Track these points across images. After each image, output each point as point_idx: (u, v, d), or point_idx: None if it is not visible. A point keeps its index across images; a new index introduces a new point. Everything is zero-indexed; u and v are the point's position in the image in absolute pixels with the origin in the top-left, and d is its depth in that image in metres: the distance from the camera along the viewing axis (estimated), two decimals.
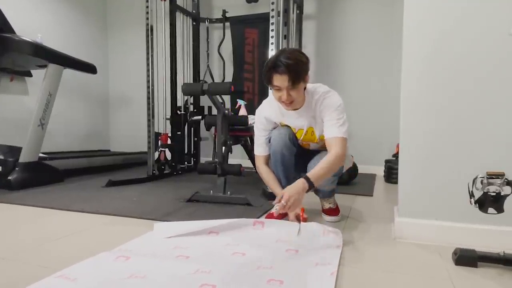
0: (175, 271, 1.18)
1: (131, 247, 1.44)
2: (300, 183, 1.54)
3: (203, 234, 1.57)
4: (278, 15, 2.55)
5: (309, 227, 1.59)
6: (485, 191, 1.18)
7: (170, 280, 1.11)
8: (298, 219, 1.65)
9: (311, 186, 1.54)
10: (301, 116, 1.73)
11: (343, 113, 1.67)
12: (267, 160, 1.86)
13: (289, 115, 1.76)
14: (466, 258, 1.28)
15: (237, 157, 3.79)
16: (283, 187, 1.76)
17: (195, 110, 3.94)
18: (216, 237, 1.56)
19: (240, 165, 2.40)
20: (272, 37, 2.54)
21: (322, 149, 1.84)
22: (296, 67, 1.55)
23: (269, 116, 1.82)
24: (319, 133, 1.78)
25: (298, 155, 1.82)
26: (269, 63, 1.60)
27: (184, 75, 3.96)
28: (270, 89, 1.73)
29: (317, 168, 1.59)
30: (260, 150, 1.86)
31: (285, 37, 2.56)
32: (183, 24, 3.94)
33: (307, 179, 1.54)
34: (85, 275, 1.15)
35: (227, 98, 3.88)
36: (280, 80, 1.56)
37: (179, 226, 1.64)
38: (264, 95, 2.71)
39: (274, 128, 1.84)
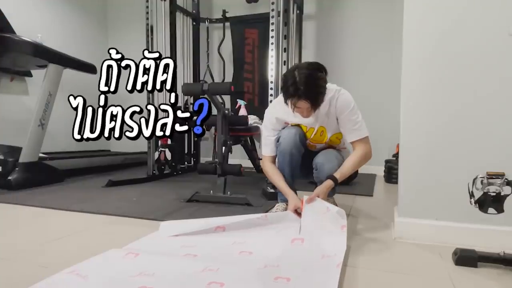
0: (183, 269, 1.18)
1: (139, 245, 1.45)
2: (328, 182, 1.66)
3: (210, 232, 1.57)
4: (278, 15, 2.55)
5: (311, 208, 1.58)
6: (485, 191, 1.18)
7: (179, 278, 1.12)
8: (297, 212, 1.64)
9: (336, 183, 1.67)
10: (313, 115, 1.73)
11: (357, 110, 1.71)
12: (274, 160, 1.85)
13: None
14: (466, 258, 1.28)
15: (237, 157, 3.79)
16: (288, 185, 1.78)
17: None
18: (222, 233, 1.56)
19: (240, 165, 2.40)
20: (272, 37, 2.54)
21: (327, 147, 1.86)
22: (316, 95, 1.57)
23: (281, 116, 1.81)
24: (331, 133, 1.79)
25: (302, 156, 1.82)
26: (289, 87, 1.56)
27: (184, 75, 3.96)
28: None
29: (345, 167, 1.70)
30: (268, 150, 1.85)
31: (285, 37, 2.56)
32: (183, 24, 3.94)
33: (333, 178, 1.67)
34: (96, 272, 1.16)
35: (227, 98, 3.88)
36: (301, 104, 1.59)
37: (186, 225, 1.64)
38: (264, 95, 2.71)
39: (283, 128, 1.83)
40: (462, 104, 1.49)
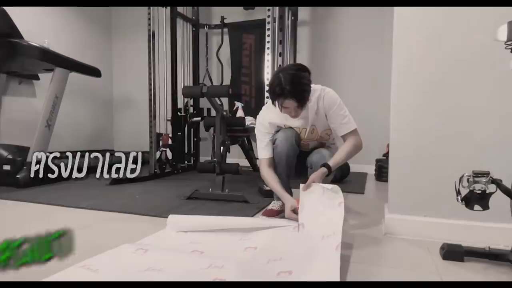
0: (189, 266, 1.17)
1: (149, 241, 1.43)
2: (322, 169, 1.61)
3: (217, 230, 1.55)
4: (274, 21, 2.54)
5: (308, 194, 1.56)
6: (471, 189, 1.17)
7: (185, 274, 1.10)
8: (295, 212, 1.63)
9: (330, 171, 1.62)
10: (304, 117, 1.72)
11: (343, 105, 1.70)
12: (271, 162, 1.81)
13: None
14: (453, 253, 1.27)
15: (234, 156, 3.77)
16: (284, 185, 1.76)
17: (194, 111, 3.92)
18: (229, 231, 1.54)
19: (238, 164, 2.38)
20: (268, 42, 2.53)
21: (319, 146, 1.85)
22: (302, 93, 1.56)
23: (273, 120, 1.79)
24: (321, 129, 1.78)
25: (297, 157, 1.81)
26: (275, 88, 1.56)
27: (184, 78, 3.94)
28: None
29: (338, 157, 1.66)
30: (264, 153, 1.81)
31: (281, 42, 2.54)
32: (183, 30, 3.92)
33: (327, 165, 1.62)
34: (106, 266, 1.15)
35: (225, 100, 3.86)
36: (288, 103, 1.58)
37: (192, 220, 1.62)
38: (261, 97, 2.70)
39: (277, 131, 1.81)
40: (449, 106, 1.48)
